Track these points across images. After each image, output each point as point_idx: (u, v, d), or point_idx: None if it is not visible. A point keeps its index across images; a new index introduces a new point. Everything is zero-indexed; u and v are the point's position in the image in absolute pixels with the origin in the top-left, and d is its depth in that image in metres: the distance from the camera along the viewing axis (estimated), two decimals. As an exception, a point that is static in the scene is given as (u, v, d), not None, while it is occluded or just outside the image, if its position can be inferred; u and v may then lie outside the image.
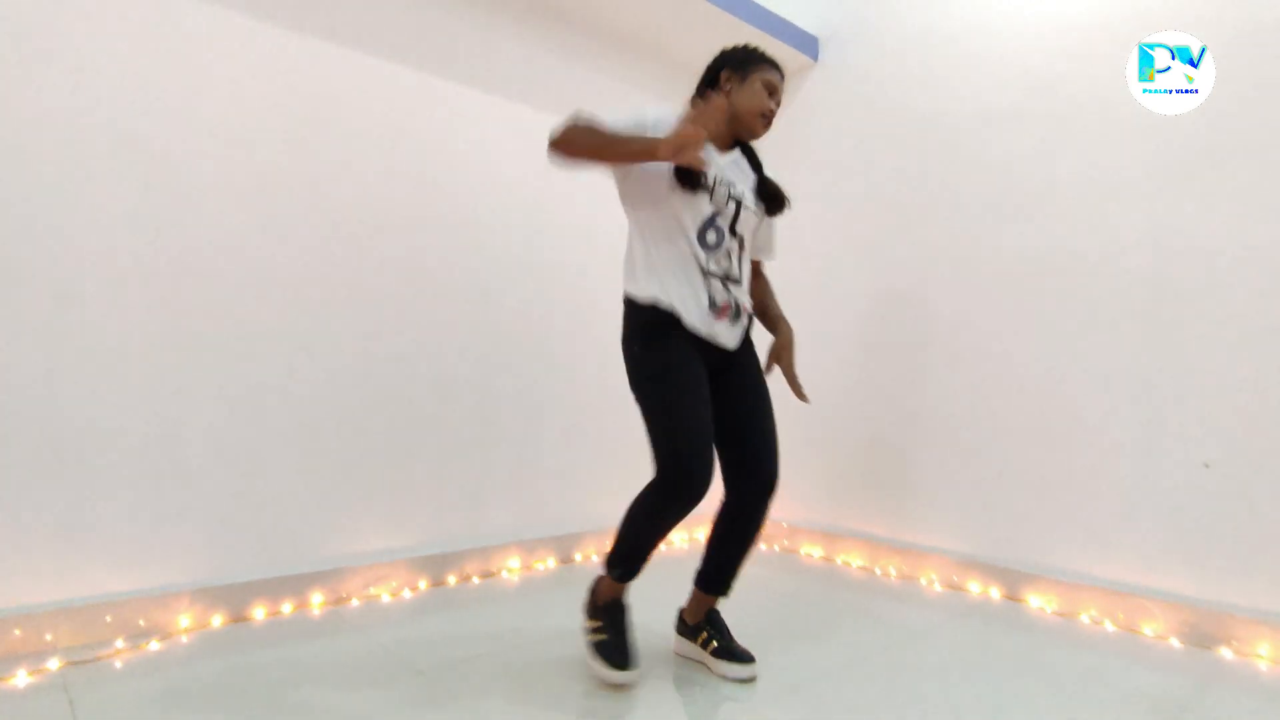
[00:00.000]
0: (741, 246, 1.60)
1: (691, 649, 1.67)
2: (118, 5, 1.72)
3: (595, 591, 1.63)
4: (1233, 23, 1.91)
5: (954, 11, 2.48)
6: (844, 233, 2.77)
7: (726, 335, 1.56)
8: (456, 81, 2.29)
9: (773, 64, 1.62)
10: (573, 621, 1.90)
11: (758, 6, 2.65)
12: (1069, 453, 2.15)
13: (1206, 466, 1.90)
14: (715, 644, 1.62)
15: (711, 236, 1.54)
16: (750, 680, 1.56)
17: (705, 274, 1.53)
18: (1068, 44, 2.20)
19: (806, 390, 1.79)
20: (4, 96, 1.58)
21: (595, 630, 1.57)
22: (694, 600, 1.70)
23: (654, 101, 2.49)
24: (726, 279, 1.56)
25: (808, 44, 2.85)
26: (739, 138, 1.64)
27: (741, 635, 1.70)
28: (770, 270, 1.84)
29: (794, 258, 2.89)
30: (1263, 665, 1.72)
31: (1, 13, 1.58)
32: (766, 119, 1.60)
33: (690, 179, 1.48)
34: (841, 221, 2.78)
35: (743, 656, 1.59)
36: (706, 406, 1.50)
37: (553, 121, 1.52)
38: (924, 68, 2.56)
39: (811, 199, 2.88)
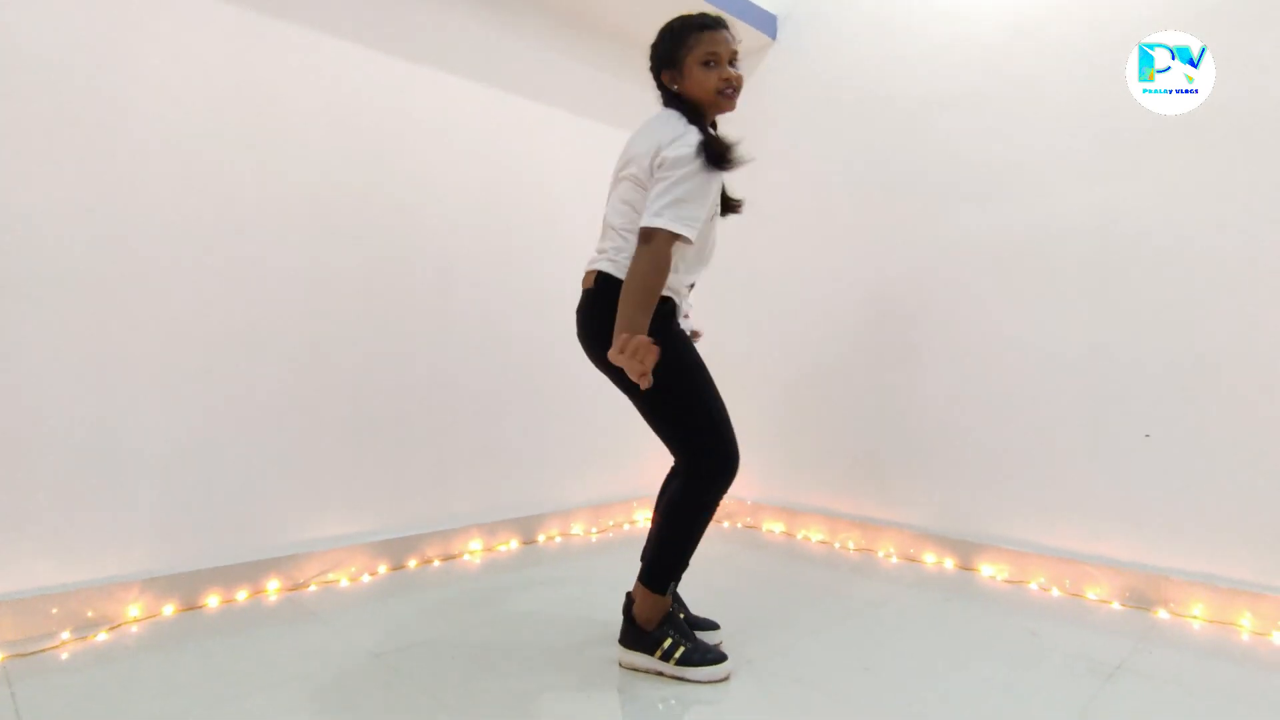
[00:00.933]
0: None
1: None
2: (165, 25, 1.65)
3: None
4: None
5: (909, -10, 2.49)
6: (802, 211, 2.78)
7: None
8: (453, 73, 2.24)
9: (702, 25, 1.45)
10: (532, 602, 1.91)
11: (715, -16, 2.63)
12: (1020, 426, 2.20)
13: (1147, 437, 1.96)
14: (684, 649, 1.49)
15: (709, 252, 1.61)
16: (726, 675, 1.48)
17: (690, 288, 1.62)
18: (1023, 25, 2.22)
19: (772, 367, 1.78)
20: (46, 111, 1.51)
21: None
22: (636, 603, 1.58)
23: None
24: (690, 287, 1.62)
25: (766, 22, 2.84)
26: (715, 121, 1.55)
27: (699, 610, 1.72)
28: (727, 247, 1.81)
29: (756, 237, 2.91)
30: (1195, 625, 1.80)
31: (59, 36, 1.51)
32: (726, 92, 1.47)
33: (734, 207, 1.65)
34: (800, 199, 2.79)
35: (717, 658, 1.49)
36: None
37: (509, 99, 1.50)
38: (882, 48, 2.57)
39: (770, 178, 2.89)
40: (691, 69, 1.46)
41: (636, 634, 1.49)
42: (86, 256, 1.70)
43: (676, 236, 1.35)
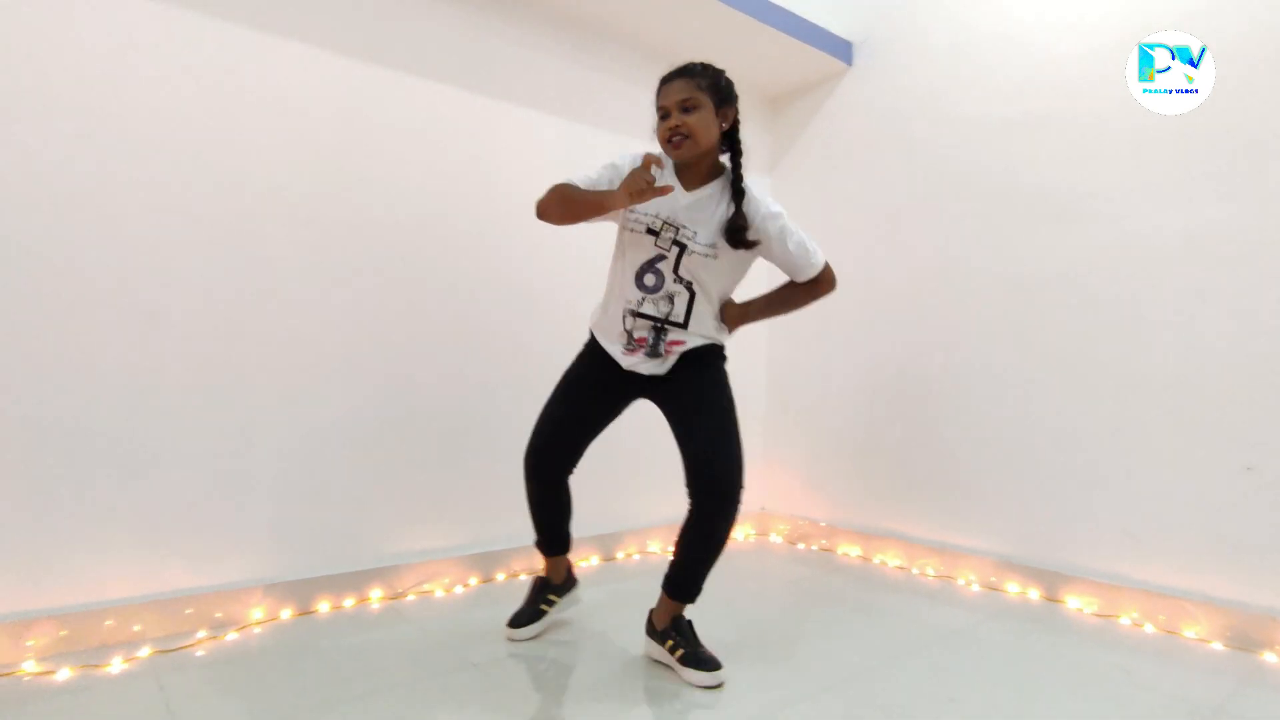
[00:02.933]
0: (691, 290, 1.60)
1: (660, 653, 1.67)
2: (189, 41, 1.85)
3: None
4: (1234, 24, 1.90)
5: (987, 16, 2.49)
6: (878, 235, 2.79)
7: (648, 367, 1.65)
8: (496, 98, 2.38)
9: (661, 84, 1.60)
10: (615, 618, 1.98)
11: (791, 15, 2.69)
12: (1109, 455, 2.15)
13: (1249, 470, 1.89)
14: (682, 650, 1.61)
15: (650, 279, 1.60)
16: (716, 687, 1.55)
17: (634, 315, 1.63)
18: (1101, 48, 2.19)
19: (847, 387, 1.83)
20: (91, 129, 1.72)
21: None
22: (661, 604, 1.69)
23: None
24: (665, 322, 1.61)
25: (841, 49, 2.87)
26: (691, 165, 1.60)
27: (776, 633, 1.75)
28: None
29: (831, 258, 2.93)
30: (1307, 669, 1.72)
31: (86, 51, 1.72)
32: (671, 142, 1.55)
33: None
34: (875, 221, 2.81)
35: (708, 664, 1.58)
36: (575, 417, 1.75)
37: (584, 132, 1.61)
38: (958, 72, 2.57)
39: (846, 202, 2.91)
40: (657, 122, 1.62)
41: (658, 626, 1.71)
42: (218, 287, 1.88)
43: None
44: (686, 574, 1.64)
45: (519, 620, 1.82)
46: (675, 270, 1.58)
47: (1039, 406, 2.31)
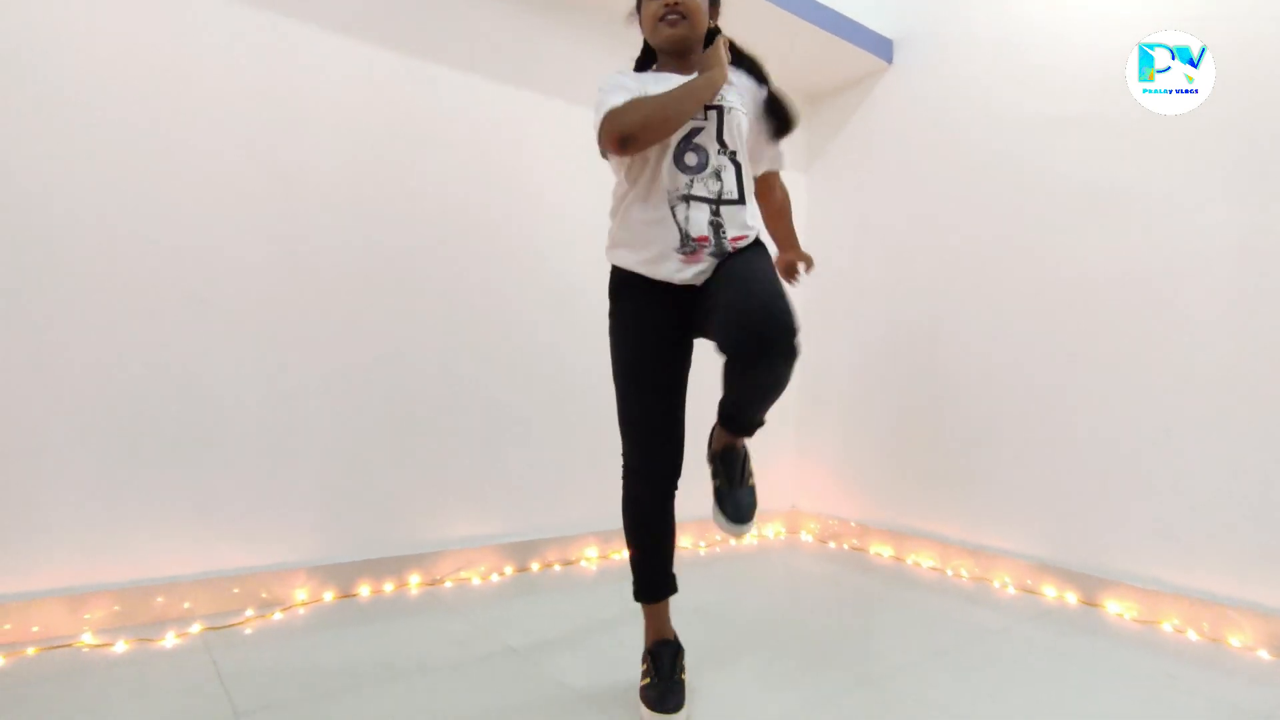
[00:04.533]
0: (736, 163, 1.40)
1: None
2: (245, 37, 1.89)
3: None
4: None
5: (1028, 14, 2.46)
6: (916, 233, 2.78)
7: (698, 277, 1.37)
8: (540, 92, 2.41)
9: None
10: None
11: (832, 12, 2.68)
12: (1155, 457, 2.12)
13: (1300, 476, 1.86)
14: (717, 483, 1.44)
15: (691, 158, 1.37)
16: (736, 537, 1.48)
17: (685, 200, 1.36)
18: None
19: (881, 385, 1.77)
20: (146, 125, 1.77)
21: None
22: (716, 428, 1.48)
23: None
24: (719, 202, 1.37)
25: (882, 47, 2.86)
26: (680, 53, 1.45)
27: (809, 628, 1.75)
28: (836, 264, 1.81)
29: (867, 256, 2.92)
30: (1358, 680, 1.69)
31: (141, 50, 1.77)
32: (664, 19, 1.40)
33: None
34: (915, 221, 2.79)
35: (736, 511, 1.39)
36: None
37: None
38: (998, 71, 2.54)
39: (885, 199, 2.90)
40: (644, 7, 1.45)
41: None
42: (270, 278, 1.93)
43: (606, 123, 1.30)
44: (742, 410, 1.39)
45: (675, 701, 1.36)
46: (719, 137, 1.38)
47: (1081, 407, 2.28)
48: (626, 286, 1.44)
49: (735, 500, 1.41)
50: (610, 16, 2.56)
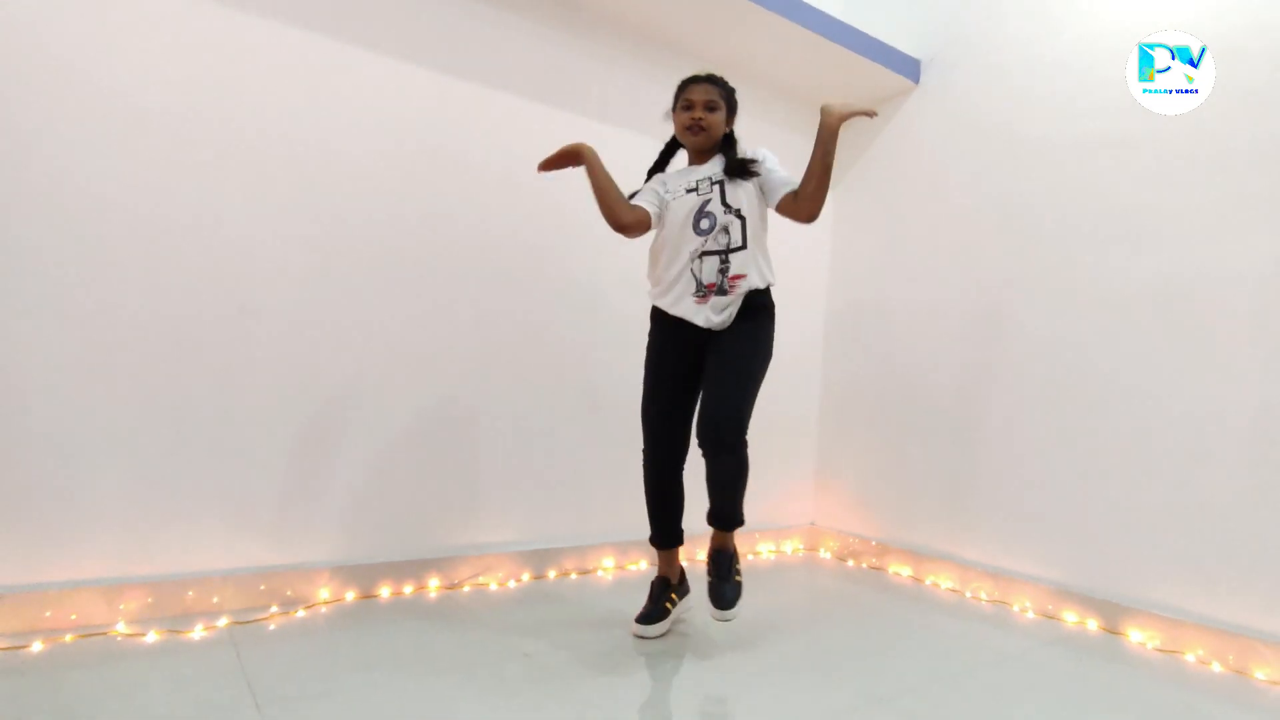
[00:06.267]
0: (741, 217, 1.80)
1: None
2: (288, 54, 1.98)
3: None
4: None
5: (1056, 34, 2.46)
6: (945, 254, 2.77)
7: (718, 316, 1.80)
8: (568, 110, 2.47)
9: (689, 82, 1.87)
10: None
11: (858, 32, 2.71)
12: (1174, 485, 2.08)
13: (1331, 507, 1.82)
14: (710, 580, 1.86)
15: (705, 222, 1.80)
16: (724, 622, 1.83)
17: (700, 256, 1.81)
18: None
19: (905, 404, 1.84)
20: (198, 136, 1.86)
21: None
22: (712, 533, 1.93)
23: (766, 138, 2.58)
24: (727, 251, 1.80)
25: (909, 67, 2.87)
26: (700, 151, 1.90)
27: (825, 646, 1.76)
28: (863, 284, 1.89)
29: (892, 275, 2.92)
30: (1389, 719, 1.64)
31: (192, 65, 1.86)
32: (690, 129, 1.85)
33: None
34: (942, 243, 2.79)
35: (721, 599, 1.82)
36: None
37: (658, 147, 1.75)
38: (1026, 90, 2.54)
39: (911, 219, 2.90)
40: (677, 112, 1.89)
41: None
42: (304, 286, 2.00)
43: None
44: (715, 506, 1.86)
45: (650, 618, 1.88)
46: (724, 201, 1.80)
47: (1105, 431, 2.25)
48: (659, 318, 1.92)
49: (721, 593, 1.83)
50: (639, 37, 2.62)
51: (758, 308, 1.84)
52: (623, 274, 2.56)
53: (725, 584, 1.83)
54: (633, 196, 1.88)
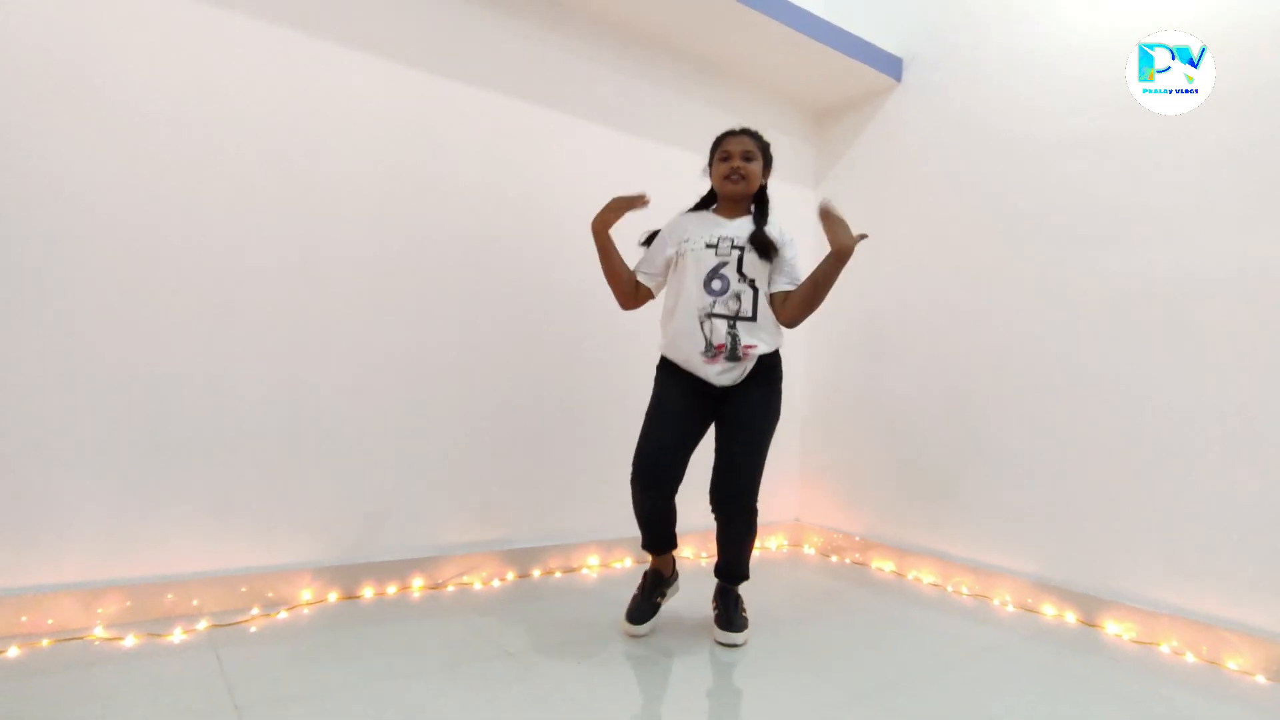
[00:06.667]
0: (754, 289, 1.84)
1: (710, 613, 1.99)
2: (273, 51, 1.96)
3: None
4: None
5: (1038, 32, 2.48)
6: (927, 252, 2.79)
7: (728, 376, 1.84)
8: (559, 110, 2.46)
9: (726, 135, 1.94)
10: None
11: (840, 30, 2.72)
12: (1152, 481, 2.12)
13: (1300, 500, 1.85)
14: (717, 613, 1.93)
15: (717, 284, 1.84)
16: (731, 645, 1.85)
17: (709, 317, 1.83)
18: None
19: (888, 402, 1.86)
20: (168, 137, 1.84)
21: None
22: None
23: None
24: (737, 318, 1.83)
25: (891, 65, 2.89)
26: (736, 201, 1.94)
27: (809, 642, 1.78)
28: (846, 285, 1.90)
29: (875, 272, 2.94)
30: (1356, 707, 1.68)
31: (172, 71, 1.84)
32: (729, 178, 1.90)
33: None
34: (924, 241, 2.81)
35: (732, 626, 1.88)
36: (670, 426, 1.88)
37: (638, 144, 1.69)
38: (1008, 89, 2.56)
39: (894, 217, 2.92)
40: (716, 162, 1.95)
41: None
42: (285, 287, 1.99)
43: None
44: (724, 563, 1.97)
45: (640, 617, 1.91)
46: (739, 270, 1.84)
47: (1085, 427, 2.28)
48: (669, 368, 1.94)
49: (730, 620, 1.90)
50: (621, 35, 2.62)
51: (769, 368, 1.90)
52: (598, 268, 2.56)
53: (734, 614, 1.90)
54: (641, 261, 1.97)
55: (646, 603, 1.94)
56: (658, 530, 1.95)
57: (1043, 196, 2.44)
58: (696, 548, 2.79)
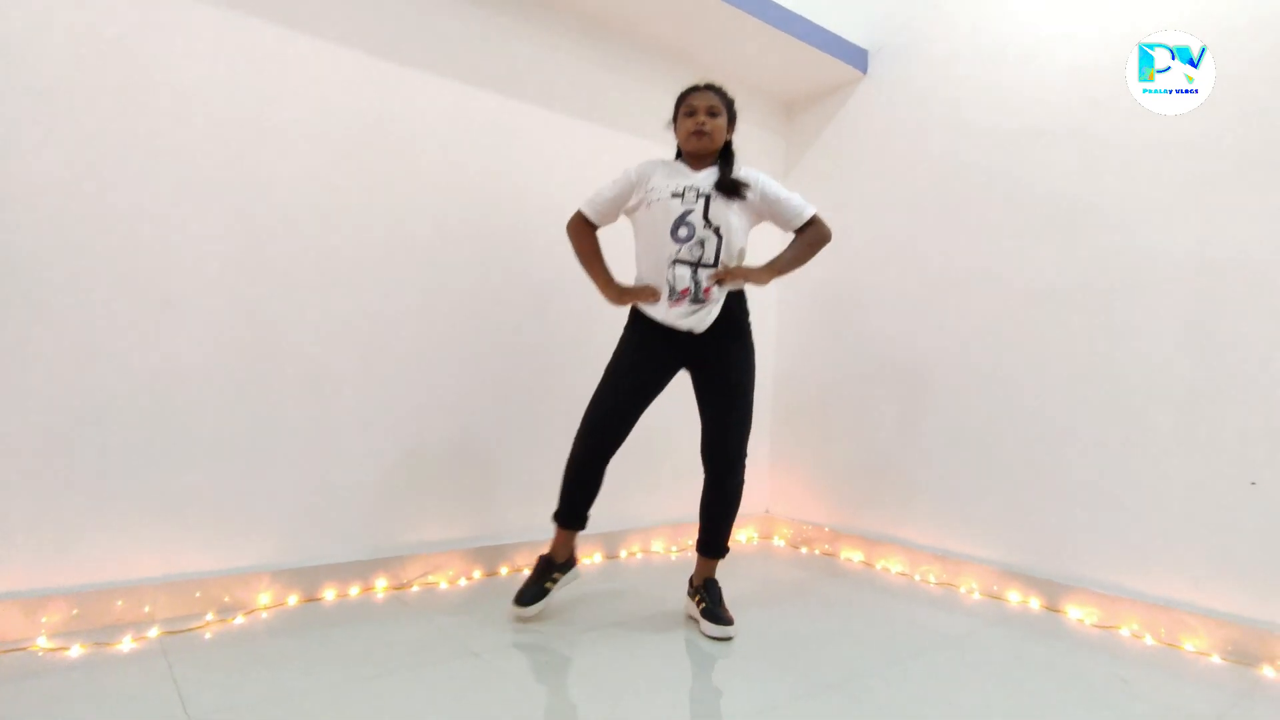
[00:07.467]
0: (719, 235, 1.85)
1: (691, 607, 1.99)
2: (215, 40, 1.88)
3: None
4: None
5: (1004, 26, 2.51)
6: (889, 243, 2.81)
7: (683, 319, 1.85)
8: (522, 100, 2.42)
9: (690, 90, 1.96)
10: (614, 614, 2.00)
11: (807, 22, 2.71)
12: (1116, 466, 2.16)
13: (1253, 485, 1.90)
14: (704, 605, 1.91)
15: (683, 231, 1.85)
16: (725, 640, 1.83)
17: (673, 263, 1.85)
18: (1114, 60, 2.20)
19: (854, 394, 1.86)
20: (121, 128, 1.75)
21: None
22: (697, 565, 2.03)
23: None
24: (699, 265, 1.85)
25: (857, 57, 2.89)
26: (701, 157, 1.94)
27: (777, 633, 1.77)
28: (813, 274, 1.93)
29: (842, 263, 2.95)
30: (1306, 685, 1.73)
31: (116, 54, 1.75)
32: (694, 134, 1.91)
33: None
34: (889, 231, 2.82)
35: (721, 620, 1.86)
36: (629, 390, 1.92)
37: (606, 135, 1.64)
38: (972, 82, 2.59)
39: (858, 209, 2.93)
40: (680, 119, 1.96)
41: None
42: (239, 281, 1.92)
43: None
44: (707, 534, 1.99)
45: (525, 598, 1.90)
46: (705, 216, 1.85)
47: (1046, 417, 2.32)
48: (638, 318, 1.95)
49: (718, 615, 1.88)
50: (587, 23, 2.58)
51: (737, 320, 1.92)
52: (577, 272, 2.53)
53: (720, 608, 1.90)
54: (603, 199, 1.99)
55: (535, 585, 1.93)
56: (575, 497, 1.94)
57: (1005, 187, 2.46)
58: (667, 541, 2.77)
